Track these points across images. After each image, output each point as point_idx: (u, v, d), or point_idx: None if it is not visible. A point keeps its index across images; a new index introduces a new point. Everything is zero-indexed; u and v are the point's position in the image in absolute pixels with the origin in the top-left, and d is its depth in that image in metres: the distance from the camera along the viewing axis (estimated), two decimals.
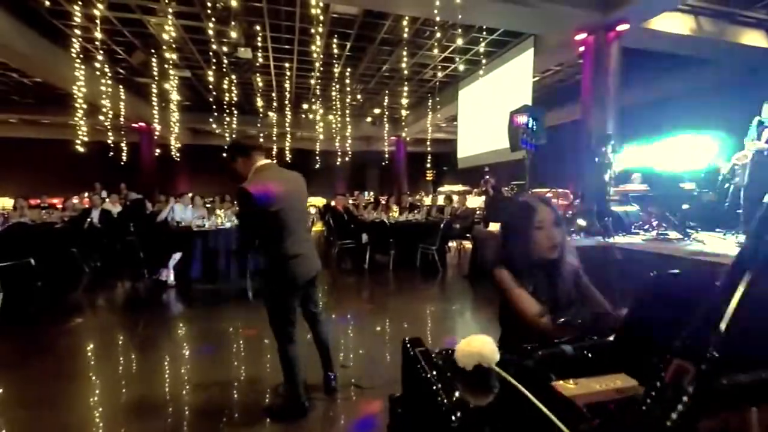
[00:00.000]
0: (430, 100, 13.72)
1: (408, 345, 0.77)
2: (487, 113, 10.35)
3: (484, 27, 8.17)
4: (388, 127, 17.05)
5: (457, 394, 0.60)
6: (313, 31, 7.84)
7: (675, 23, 7.24)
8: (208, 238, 5.56)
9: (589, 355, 0.75)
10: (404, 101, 14.08)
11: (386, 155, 17.67)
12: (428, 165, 17.56)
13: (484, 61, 9.74)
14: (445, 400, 0.58)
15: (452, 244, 7.99)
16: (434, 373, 0.66)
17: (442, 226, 6.25)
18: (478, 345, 0.68)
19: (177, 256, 5.41)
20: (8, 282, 4.92)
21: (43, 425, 2.26)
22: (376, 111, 15.90)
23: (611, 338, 0.77)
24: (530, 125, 5.50)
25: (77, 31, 7.92)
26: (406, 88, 12.16)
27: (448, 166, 20.26)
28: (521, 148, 5.60)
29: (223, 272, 5.61)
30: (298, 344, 2.22)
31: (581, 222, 5.64)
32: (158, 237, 5.76)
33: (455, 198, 8.62)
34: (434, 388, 0.62)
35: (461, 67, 11.09)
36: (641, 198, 6.28)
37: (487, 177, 7.49)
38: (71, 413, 2.39)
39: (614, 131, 6.83)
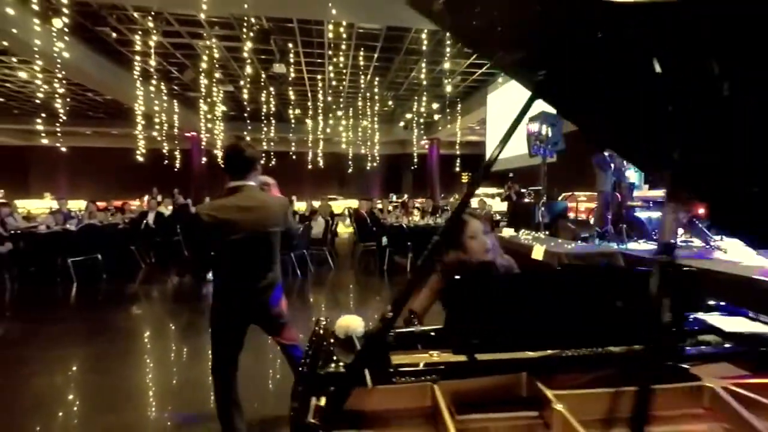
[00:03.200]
0: (460, 105, 13.85)
1: (317, 321, 1.15)
2: (512, 117, 10.33)
3: None
4: (421, 131, 17.35)
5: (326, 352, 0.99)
6: (342, 45, 8.39)
7: None
8: None
9: (432, 334, 1.10)
10: (434, 106, 14.33)
11: (415, 159, 17.92)
12: (457, 168, 17.55)
13: None
14: (316, 353, 0.97)
15: None
16: (314, 339, 1.05)
17: None
18: (347, 322, 1.04)
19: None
20: (80, 274, 5.89)
21: (106, 388, 2.88)
22: (408, 116, 16.25)
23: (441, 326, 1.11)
24: (543, 133, 5.61)
25: (138, 57, 9.05)
26: (434, 94, 12.42)
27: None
28: (534, 155, 5.72)
29: None
30: (237, 386, 1.96)
31: (596, 228, 5.66)
32: None
33: (474, 201, 8.75)
34: (313, 346, 1.00)
35: (487, 72, 11.16)
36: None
37: (510, 182, 7.58)
38: (128, 381, 3.00)
39: None
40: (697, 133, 0.80)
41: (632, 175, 6.40)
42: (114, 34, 7.92)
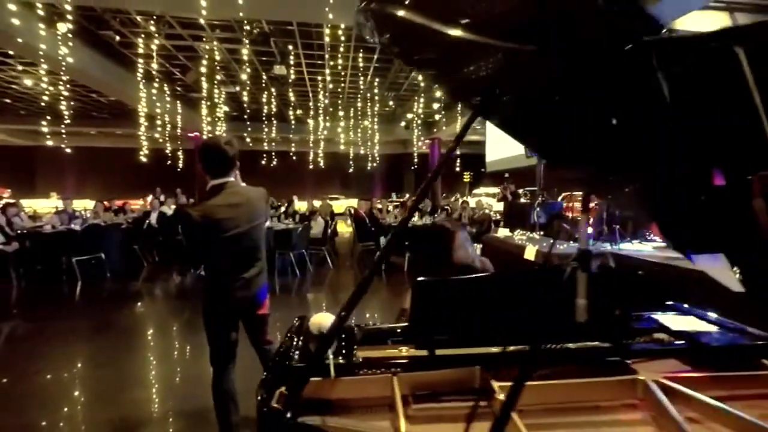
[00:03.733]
0: (460, 104, 13.90)
1: (296, 318, 1.26)
2: None
3: None
4: (422, 131, 17.42)
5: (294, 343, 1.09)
6: (342, 47, 8.48)
7: (707, 21, 6.96)
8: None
9: (398, 331, 1.20)
10: (435, 106, 14.40)
11: (416, 158, 18.00)
12: (458, 168, 17.63)
13: None
14: (288, 348, 1.07)
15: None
16: (288, 335, 1.15)
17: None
18: (320, 319, 1.14)
19: None
20: (85, 273, 6.04)
21: (111, 380, 3.00)
22: (409, 116, 16.34)
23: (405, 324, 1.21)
24: None
25: (141, 59, 9.20)
26: (435, 94, 12.49)
27: (485, 169, 20.21)
28: (529, 157, 5.79)
29: None
30: (234, 380, 2.00)
31: (589, 228, 5.71)
32: None
33: (471, 201, 8.83)
34: (287, 341, 1.11)
35: None
36: None
37: (506, 183, 7.65)
38: (130, 373, 3.12)
39: None
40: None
41: None
42: (117, 37, 8.07)
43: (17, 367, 3.20)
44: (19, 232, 6.22)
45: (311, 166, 17.47)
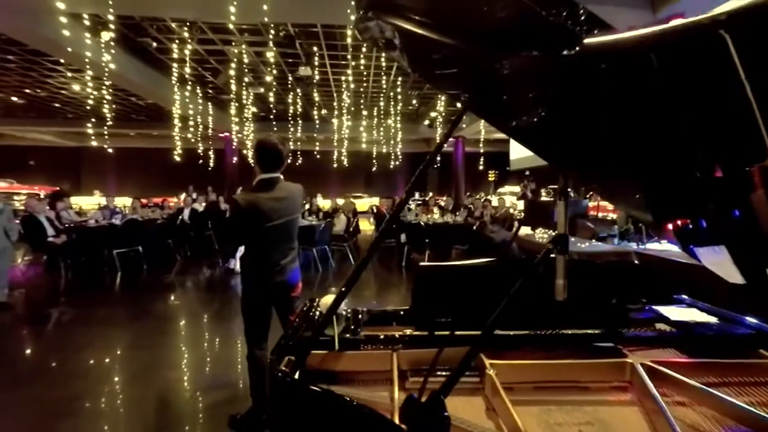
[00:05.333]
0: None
1: (308, 300, 1.38)
2: None
3: None
4: (443, 129, 17.31)
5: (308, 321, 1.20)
6: (365, 47, 8.61)
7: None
8: None
9: (401, 313, 1.29)
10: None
11: (438, 157, 17.88)
12: (481, 166, 17.42)
13: None
14: (301, 324, 1.18)
15: None
16: (301, 312, 1.26)
17: (474, 228, 6.56)
18: (328, 299, 1.24)
19: (242, 248, 6.54)
20: (123, 265, 6.47)
21: (147, 361, 3.26)
22: (432, 114, 16.29)
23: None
24: None
25: (175, 63, 9.70)
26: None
27: (509, 167, 19.90)
28: None
29: None
30: (267, 353, 2.14)
31: (615, 227, 5.57)
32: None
33: (494, 200, 8.74)
34: (300, 318, 1.22)
35: None
36: None
37: (526, 181, 7.54)
38: (165, 355, 3.37)
39: None
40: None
41: None
42: (154, 44, 8.55)
43: (65, 349, 3.52)
44: (66, 225, 6.74)
45: (335, 165, 17.76)
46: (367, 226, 11.48)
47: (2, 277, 4.56)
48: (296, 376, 0.90)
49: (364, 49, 8.83)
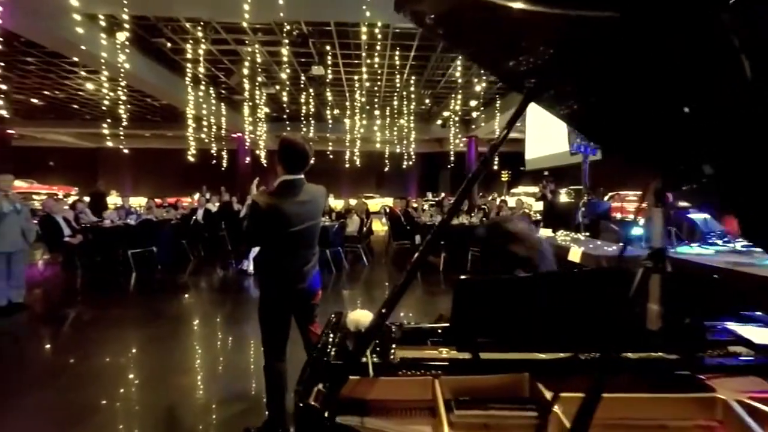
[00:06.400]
0: (499, 101, 13.50)
1: (333, 314, 1.24)
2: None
3: None
4: (459, 129, 17.08)
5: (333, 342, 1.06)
6: (378, 46, 8.49)
7: None
8: None
9: (439, 331, 1.14)
10: (473, 103, 14.07)
11: (452, 157, 17.67)
12: (496, 166, 17.13)
13: None
14: (326, 344, 1.05)
15: None
16: (327, 330, 1.12)
17: None
18: (357, 316, 1.10)
19: (256, 249, 6.47)
20: (138, 264, 6.47)
21: (159, 368, 3.18)
22: (445, 114, 16.08)
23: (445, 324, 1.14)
24: None
25: (189, 64, 9.73)
26: (473, 91, 12.20)
27: (524, 167, 19.54)
28: (574, 154, 5.48)
29: None
30: (287, 363, 2.08)
31: (640, 230, 5.32)
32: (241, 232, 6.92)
33: (510, 201, 8.51)
34: (325, 337, 1.08)
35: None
36: None
37: (545, 181, 7.31)
38: (177, 363, 3.29)
39: None
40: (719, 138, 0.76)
41: None
42: (168, 44, 8.57)
43: (81, 349, 3.48)
44: (83, 225, 6.78)
45: (347, 165, 17.68)
46: (378, 227, 11.34)
47: (19, 278, 4.56)
48: (329, 414, 0.76)
49: (378, 48, 8.69)
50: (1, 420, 2.43)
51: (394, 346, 1.05)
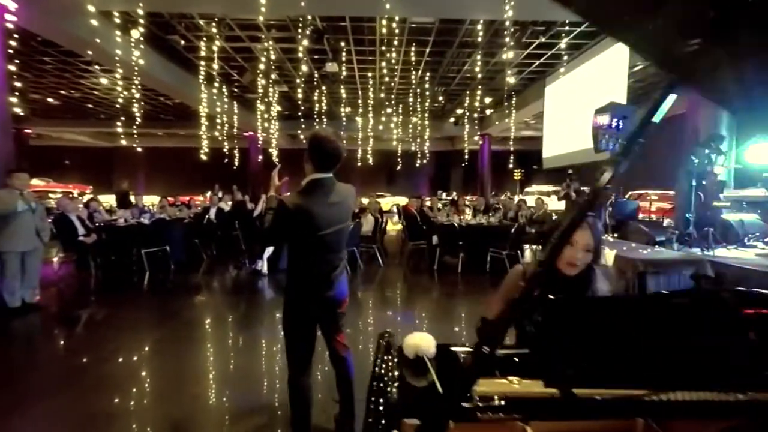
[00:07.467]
0: (515, 98, 13.18)
1: (382, 334, 1.05)
2: (574, 110, 9.62)
3: (567, 21, 7.67)
4: (472, 127, 16.81)
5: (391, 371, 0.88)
6: (394, 41, 8.31)
7: None
8: None
9: (515, 359, 0.95)
10: (487, 100, 13.78)
11: (466, 155, 17.39)
12: (511, 165, 16.82)
13: (567, 57, 9.09)
14: (385, 374, 0.86)
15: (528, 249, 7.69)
16: (385, 357, 0.94)
17: (513, 230, 6.13)
18: (416, 341, 0.92)
19: (270, 249, 6.34)
20: (152, 264, 6.39)
21: (173, 376, 3.05)
22: (459, 111, 15.82)
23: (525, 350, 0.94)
24: (614, 126, 5.08)
25: (203, 62, 9.66)
26: (489, 88, 11.93)
27: (538, 165, 19.15)
28: (601, 151, 5.21)
29: None
30: (311, 377, 1.98)
31: (673, 231, 5.04)
32: (255, 232, 6.79)
33: (529, 200, 8.24)
34: (379, 365, 0.90)
35: (546, 63, 10.47)
36: (764, 204, 5.32)
37: (569, 179, 7.03)
38: (191, 369, 3.16)
39: (734, 126, 5.87)
40: None
41: (719, 171, 5.63)
42: (182, 42, 8.49)
43: (95, 352, 3.37)
44: (97, 224, 6.73)
45: (359, 164, 17.53)
46: (390, 227, 11.15)
47: (34, 278, 4.49)
48: None
49: (394, 43, 8.50)
50: (15, 425, 2.32)
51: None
